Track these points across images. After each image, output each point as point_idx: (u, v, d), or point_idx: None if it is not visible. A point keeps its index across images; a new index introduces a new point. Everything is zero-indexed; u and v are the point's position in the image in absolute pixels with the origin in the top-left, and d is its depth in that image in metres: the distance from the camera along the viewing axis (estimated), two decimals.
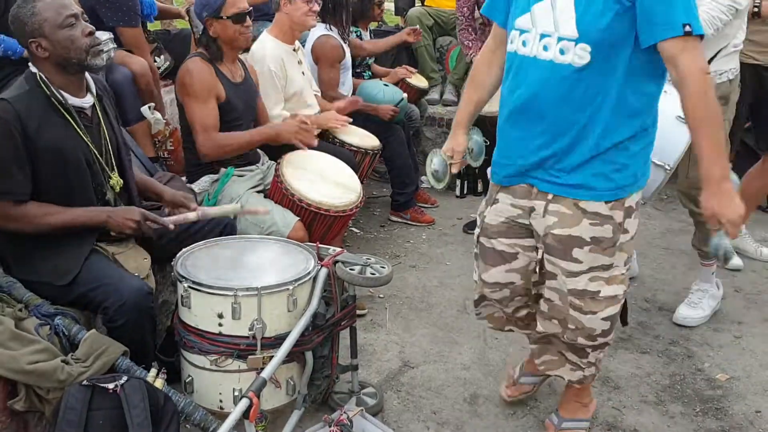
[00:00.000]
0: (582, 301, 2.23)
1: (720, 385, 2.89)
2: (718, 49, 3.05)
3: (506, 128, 2.26)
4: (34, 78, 2.30)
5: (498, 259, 2.36)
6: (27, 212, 2.27)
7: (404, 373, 2.94)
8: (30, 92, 2.28)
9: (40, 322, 2.18)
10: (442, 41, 5.68)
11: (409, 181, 4.49)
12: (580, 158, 2.13)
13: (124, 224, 2.35)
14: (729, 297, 3.58)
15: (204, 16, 3.07)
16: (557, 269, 2.23)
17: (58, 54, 2.28)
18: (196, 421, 2.14)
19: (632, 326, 3.31)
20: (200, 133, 3.05)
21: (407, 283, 3.74)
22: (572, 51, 2.03)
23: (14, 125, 2.21)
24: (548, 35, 2.06)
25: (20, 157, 2.23)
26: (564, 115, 2.11)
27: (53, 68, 2.31)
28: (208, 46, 3.10)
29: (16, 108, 2.22)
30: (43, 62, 2.30)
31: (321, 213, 3.04)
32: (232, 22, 3.07)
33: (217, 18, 3.06)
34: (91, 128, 2.41)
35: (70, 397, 1.99)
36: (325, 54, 4.09)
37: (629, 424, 2.65)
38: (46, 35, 2.26)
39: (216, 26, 3.07)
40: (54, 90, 2.29)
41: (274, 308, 2.27)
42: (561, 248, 2.19)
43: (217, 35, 3.09)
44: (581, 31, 2.01)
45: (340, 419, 2.32)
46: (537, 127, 2.15)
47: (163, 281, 2.90)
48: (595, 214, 2.15)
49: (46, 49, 2.27)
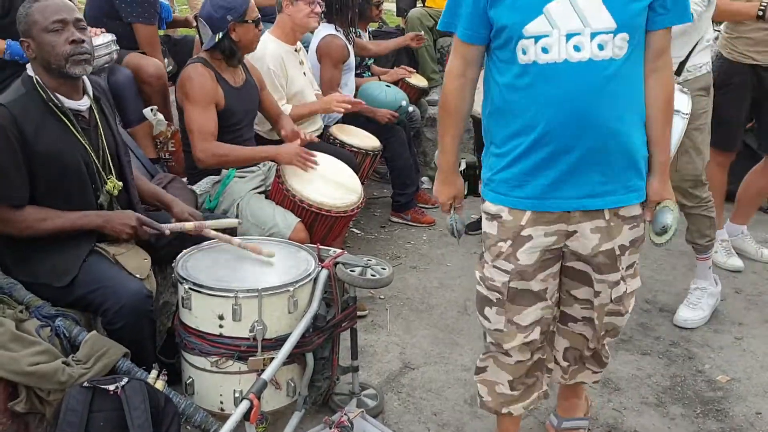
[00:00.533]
0: (620, 305, 2.15)
1: (721, 386, 2.89)
2: (694, 44, 3.07)
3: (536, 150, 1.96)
4: (31, 81, 2.30)
5: (533, 299, 2.11)
6: (24, 217, 2.27)
7: (405, 374, 2.94)
8: (27, 95, 2.28)
9: (41, 323, 2.18)
10: (442, 42, 5.68)
11: (409, 181, 4.49)
12: (625, 161, 1.99)
13: (120, 230, 2.36)
14: (730, 298, 3.58)
15: (229, 20, 3.07)
16: (603, 285, 2.11)
17: (42, 57, 2.29)
18: (196, 423, 2.14)
19: (633, 327, 3.31)
20: (198, 139, 3.05)
21: (408, 284, 3.74)
22: (611, 44, 1.87)
23: (11, 130, 2.20)
24: (577, 33, 1.86)
25: (18, 162, 2.23)
26: (612, 116, 1.92)
27: (42, 70, 2.31)
28: (225, 51, 3.12)
29: (13, 112, 2.22)
30: (35, 64, 2.32)
31: (322, 214, 3.05)
32: (254, 26, 3.12)
33: (242, 22, 3.08)
34: (88, 131, 2.40)
35: (71, 398, 1.99)
36: (330, 53, 4.09)
37: (630, 425, 2.64)
38: (33, 37, 2.28)
39: (239, 30, 3.09)
40: (50, 93, 2.29)
41: (275, 310, 2.27)
42: (609, 263, 2.07)
43: (239, 39, 3.11)
44: (619, 20, 1.86)
45: (341, 421, 2.32)
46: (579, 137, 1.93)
47: (164, 282, 2.90)
48: (632, 218, 2.07)
49: (33, 50, 2.29)
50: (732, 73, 3.58)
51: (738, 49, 3.58)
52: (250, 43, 3.16)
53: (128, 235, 2.36)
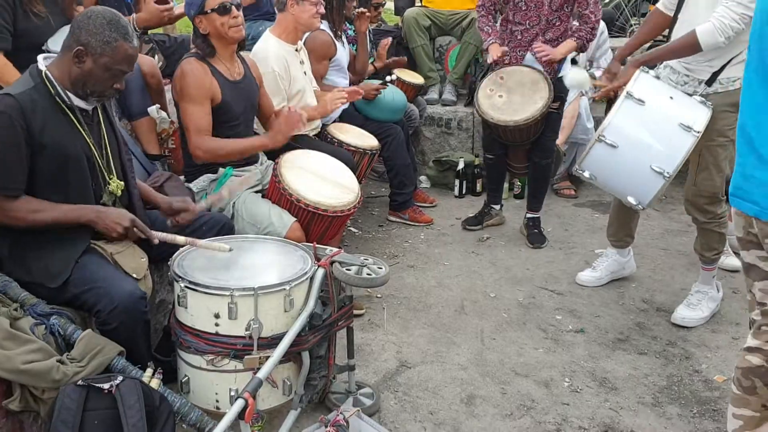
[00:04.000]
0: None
1: (717, 386, 2.88)
2: (731, 57, 3.02)
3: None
4: (40, 75, 2.30)
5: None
6: (18, 207, 2.27)
7: (401, 373, 2.93)
8: (35, 89, 2.27)
9: (36, 321, 2.17)
10: (441, 41, 5.68)
11: (407, 181, 4.49)
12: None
13: (111, 227, 2.34)
14: (727, 298, 3.57)
15: (192, 15, 3.07)
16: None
17: (83, 79, 2.30)
18: (191, 422, 2.13)
19: (630, 327, 3.31)
20: (193, 135, 3.04)
21: (405, 283, 3.74)
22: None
23: (18, 121, 2.20)
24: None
25: (21, 153, 2.23)
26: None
27: (66, 74, 2.31)
28: (200, 44, 3.11)
29: (22, 104, 2.22)
30: (68, 66, 2.29)
31: (319, 213, 3.04)
32: (218, 15, 3.06)
33: (203, 13, 3.06)
34: (92, 127, 2.41)
35: (65, 397, 1.99)
36: (315, 48, 4.07)
37: (626, 425, 2.64)
38: (94, 61, 2.27)
39: (204, 22, 3.07)
40: (60, 89, 2.29)
41: (271, 308, 2.26)
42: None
43: (207, 31, 3.09)
44: None
45: (337, 420, 2.31)
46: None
47: (160, 280, 2.90)
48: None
49: (81, 67, 2.28)
50: None
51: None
52: (221, 34, 3.08)
53: (118, 234, 2.35)
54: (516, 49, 3.99)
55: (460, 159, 5.06)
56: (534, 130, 3.99)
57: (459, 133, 5.38)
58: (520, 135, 3.98)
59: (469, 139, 5.37)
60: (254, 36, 4.02)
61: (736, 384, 2.11)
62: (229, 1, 3.06)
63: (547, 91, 3.84)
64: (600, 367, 3.00)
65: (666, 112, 3.03)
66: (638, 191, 3.08)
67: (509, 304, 3.53)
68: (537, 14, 3.89)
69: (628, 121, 3.02)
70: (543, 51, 3.88)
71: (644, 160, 3.00)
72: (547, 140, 4.11)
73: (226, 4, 3.06)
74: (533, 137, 4.05)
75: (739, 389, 2.10)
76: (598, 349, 3.14)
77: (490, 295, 3.62)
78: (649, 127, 3.03)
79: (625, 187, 3.13)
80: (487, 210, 4.51)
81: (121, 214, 2.38)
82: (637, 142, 3.03)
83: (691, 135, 2.96)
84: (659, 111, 3.03)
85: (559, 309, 3.49)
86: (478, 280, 3.78)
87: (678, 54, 3.09)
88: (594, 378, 2.92)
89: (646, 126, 3.03)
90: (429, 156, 5.41)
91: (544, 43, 3.92)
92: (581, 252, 4.13)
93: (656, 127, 3.03)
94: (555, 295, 3.63)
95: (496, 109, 3.90)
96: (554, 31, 3.92)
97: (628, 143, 3.02)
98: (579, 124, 4.92)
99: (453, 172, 5.10)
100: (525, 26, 3.94)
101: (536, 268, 3.94)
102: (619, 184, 3.16)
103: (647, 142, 3.02)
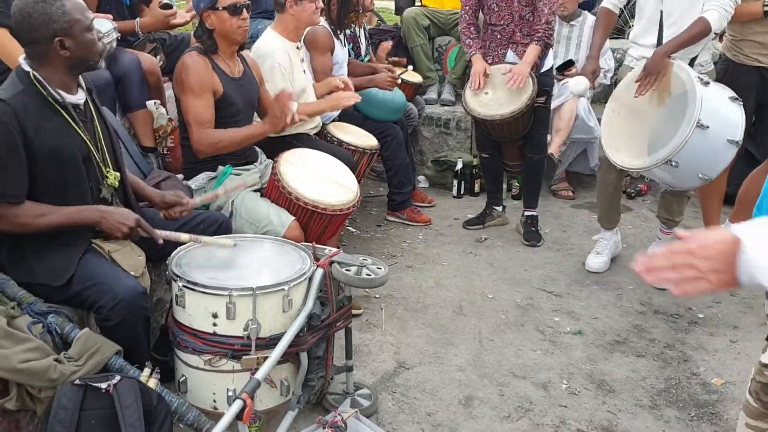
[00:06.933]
0: None
1: (715, 389, 2.89)
2: (706, 44, 3.26)
3: None
4: (28, 76, 2.26)
5: None
6: (21, 213, 2.24)
7: (399, 374, 2.93)
8: (25, 91, 2.23)
9: (33, 320, 2.15)
10: (440, 41, 5.67)
11: (406, 180, 4.48)
12: None
13: (117, 227, 2.32)
14: (725, 301, 3.58)
15: (201, 8, 3.06)
16: None
17: (78, 55, 2.27)
18: (189, 422, 2.12)
19: (628, 329, 3.31)
20: (194, 127, 3.03)
21: (403, 283, 3.73)
22: None
23: (13, 126, 2.17)
24: None
25: (19, 159, 2.20)
26: None
27: (63, 68, 2.28)
28: (203, 39, 3.09)
29: (15, 108, 2.19)
30: (54, 61, 2.26)
31: (318, 212, 3.03)
32: (228, 14, 3.05)
33: (214, 9, 3.05)
34: (86, 123, 2.39)
35: (63, 396, 1.98)
36: (317, 41, 4.06)
37: (624, 428, 2.64)
38: (75, 36, 2.24)
39: (212, 18, 3.06)
40: (50, 89, 2.26)
41: (269, 308, 2.25)
42: None
43: (213, 27, 3.07)
44: None
45: (334, 421, 2.31)
46: None
47: (158, 279, 2.88)
48: None
49: (69, 48, 2.24)
50: (738, 75, 3.66)
51: (743, 52, 3.66)
52: (227, 33, 3.08)
53: (123, 234, 2.34)
54: (497, 48, 4.07)
55: (458, 159, 5.06)
56: (522, 125, 4.06)
57: (457, 133, 5.37)
58: (509, 129, 4.05)
59: (467, 139, 5.36)
60: (252, 34, 4.01)
61: (753, 396, 2.07)
62: (241, 2, 3.06)
63: (532, 85, 3.93)
64: (598, 369, 3.00)
65: (717, 90, 3.31)
66: (710, 166, 3.26)
67: (507, 306, 3.52)
68: (509, 12, 3.97)
69: (709, 101, 3.19)
70: (512, 79, 3.89)
71: (724, 133, 3.20)
72: (538, 135, 4.20)
73: (238, 5, 3.06)
74: (522, 132, 4.12)
75: (756, 402, 2.06)
76: (596, 351, 3.14)
77: (488, 296, 3.61)
78: (718, 104, 3.23)
79: (700, 166, 3.26)
80: (489, 211, 4.52)
81: (125, 214, 2.36)
82: (720, 118, 3.20)
83: (737, 105, 3.23)
84: (715, 89, 3.28)
85: (556, 311, 3.49)
86: (476, 281, 3.78)
87: (696, 40, 3.34)
88: (592, 380, 2.92)
89: (720, 102, 3.24)
90: (427, 156, 5.40)
91: (521, 41, 3.98)
92: (579, 253, 4.13)
93: (721, 103, 3.25)
94: (553, 297, 3.63)
95: (483, 105, 4.00)
96: (530, 26, 3.98)
97: (714, 121, 3.18)
98: (579, 123, 4.93)
99: (451, 172, 5.10)
100: (501, 25, 4.02)
101: (534, 269, 3.94)
102: (699, 164, 3.26)
103: (724, 115, 3.23)
